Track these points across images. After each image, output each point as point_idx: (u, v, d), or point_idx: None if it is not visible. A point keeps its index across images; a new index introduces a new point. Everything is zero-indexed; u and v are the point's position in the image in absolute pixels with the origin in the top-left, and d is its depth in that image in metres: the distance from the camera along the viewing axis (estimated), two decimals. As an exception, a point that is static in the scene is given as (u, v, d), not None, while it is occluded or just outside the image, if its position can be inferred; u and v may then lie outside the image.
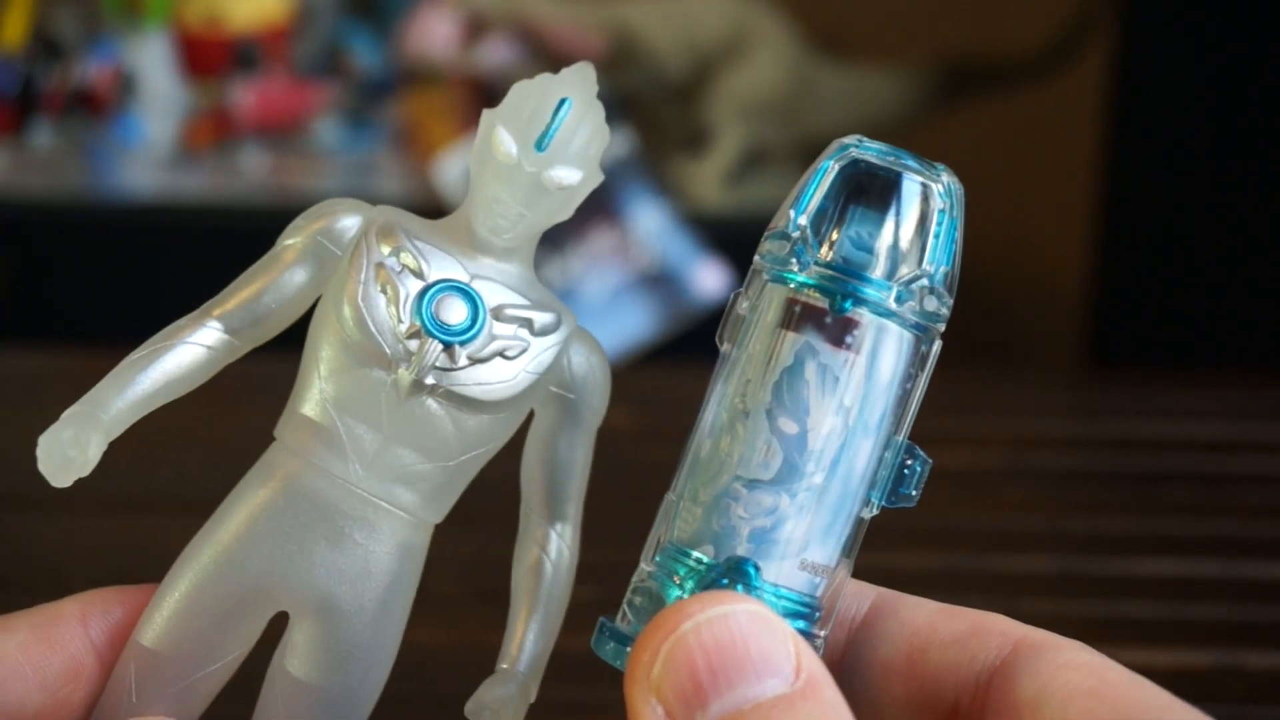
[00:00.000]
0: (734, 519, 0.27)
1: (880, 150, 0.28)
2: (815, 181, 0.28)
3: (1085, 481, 0.73)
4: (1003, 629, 0.27)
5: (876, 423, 0.28)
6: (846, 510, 0.28)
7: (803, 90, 1.36)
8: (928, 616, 0.28)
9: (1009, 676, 0.26)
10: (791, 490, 0.27)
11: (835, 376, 0.27)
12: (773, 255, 0.28)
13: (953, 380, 0.88)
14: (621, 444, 0.72)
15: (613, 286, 1.27)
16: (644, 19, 1.35)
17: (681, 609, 0.25)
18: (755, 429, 0.27)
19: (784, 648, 0.24)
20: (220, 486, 0.32)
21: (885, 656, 0.28)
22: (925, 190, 0.28)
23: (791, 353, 0.28)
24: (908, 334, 0.28)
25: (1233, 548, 0.64)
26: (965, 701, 0.27)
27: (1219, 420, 0.77)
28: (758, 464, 0.27)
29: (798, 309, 0.28)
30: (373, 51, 1.46)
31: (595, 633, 0.28)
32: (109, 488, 0.70)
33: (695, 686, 0.24)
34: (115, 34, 1.42)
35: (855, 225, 0.28)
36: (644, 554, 0.29)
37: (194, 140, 1.38)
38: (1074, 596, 0.60)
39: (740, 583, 0.27)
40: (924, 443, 0.30)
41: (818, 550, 0.28)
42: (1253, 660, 0.55)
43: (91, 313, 1.31)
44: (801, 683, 0.24)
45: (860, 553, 0.29)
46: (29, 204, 1.30)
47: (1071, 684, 0.25)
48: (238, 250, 1.37)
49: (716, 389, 0.28)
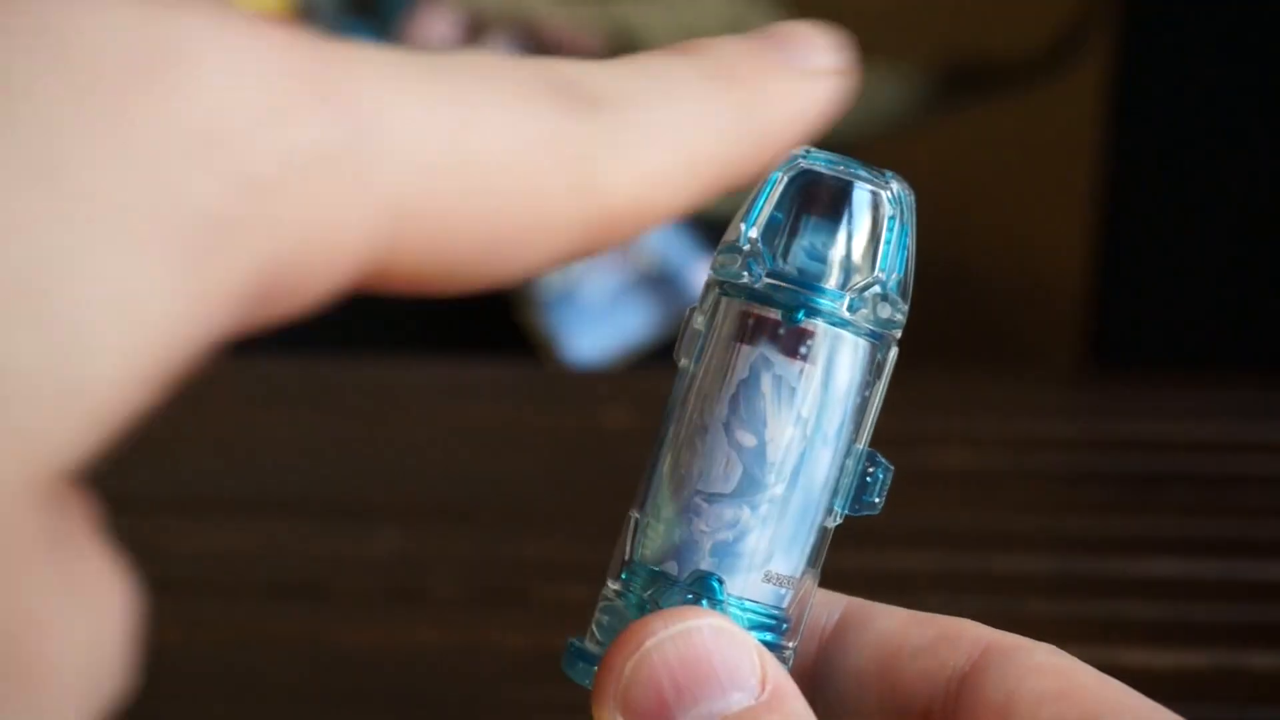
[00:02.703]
0: (696, 533, 0.28)
1: (829, 160, 0.28)
2: (765, 193, 0.28)
3: (1085, 481, 0.73)
4: (973, 634, 0.27)
5: (835, 432, 0.28)
6: (810, 520, 0.28)
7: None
8: (898, 624, 0.28)
9: (978, 682, 0.26)
10: (753, 502, 0.27)
11: (791, 387, 0.28)
12: (725, 269, 0.28)
13: (953, 380, 0.88)
14: (621, 444, 0.72)
15: (613, 286, 1.27)
16: (643, 19, 1.35)
17: (645, 626, 0.25)
18: (714, 443, 0.28)
19: (748, 661, 0.25)
20: (220, 486, 0.32)
21: (857, 666, 0.28)
22: (875, 198, 0.28)
23: (747, 365, 0.28)
24: (863, 342, 0.28)
25: (1233, 548, 0.64)
26: (937, 708, 0.27)
27: (1219, 420, 0.77)
28: (717, 478, 0.28)
29: (751, 321, 0.28)
30: (372, 51, 1.46)
31: (564, 654, 0.29)
32: (109, 488, 0.70)
33: (660, 704, 0.24)
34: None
35: (806, 236, 0.28)
36: (609, 572, 0.29)
37: (194, 140, 1.38)
38: (1074, 597, 0.60)
39: (705, 597, 0.27)
40: (924, 443, 0.30)
41: (782, 561, 0.28)
42: (1253, 661, 0.55)
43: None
44: (767, 695, 0.24)
45: (859, 553, 0.29)
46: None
47: (1040, 687, 0.25)
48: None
49: (676, 405, 0.29)
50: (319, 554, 0.64)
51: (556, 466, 0.71)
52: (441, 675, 0.55)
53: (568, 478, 0.72)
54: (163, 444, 0.73)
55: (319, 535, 0.66)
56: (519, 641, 0.56)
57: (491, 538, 0.64)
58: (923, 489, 0.69)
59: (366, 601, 0.61)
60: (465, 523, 0.66)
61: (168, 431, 0.76)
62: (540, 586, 0.62)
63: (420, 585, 0.61)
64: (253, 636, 0.58)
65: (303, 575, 0.62)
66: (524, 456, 0.73)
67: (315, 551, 0.64)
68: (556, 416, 0.79)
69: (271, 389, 0.83)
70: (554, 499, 0.66)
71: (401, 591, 0.61)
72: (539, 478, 0.71)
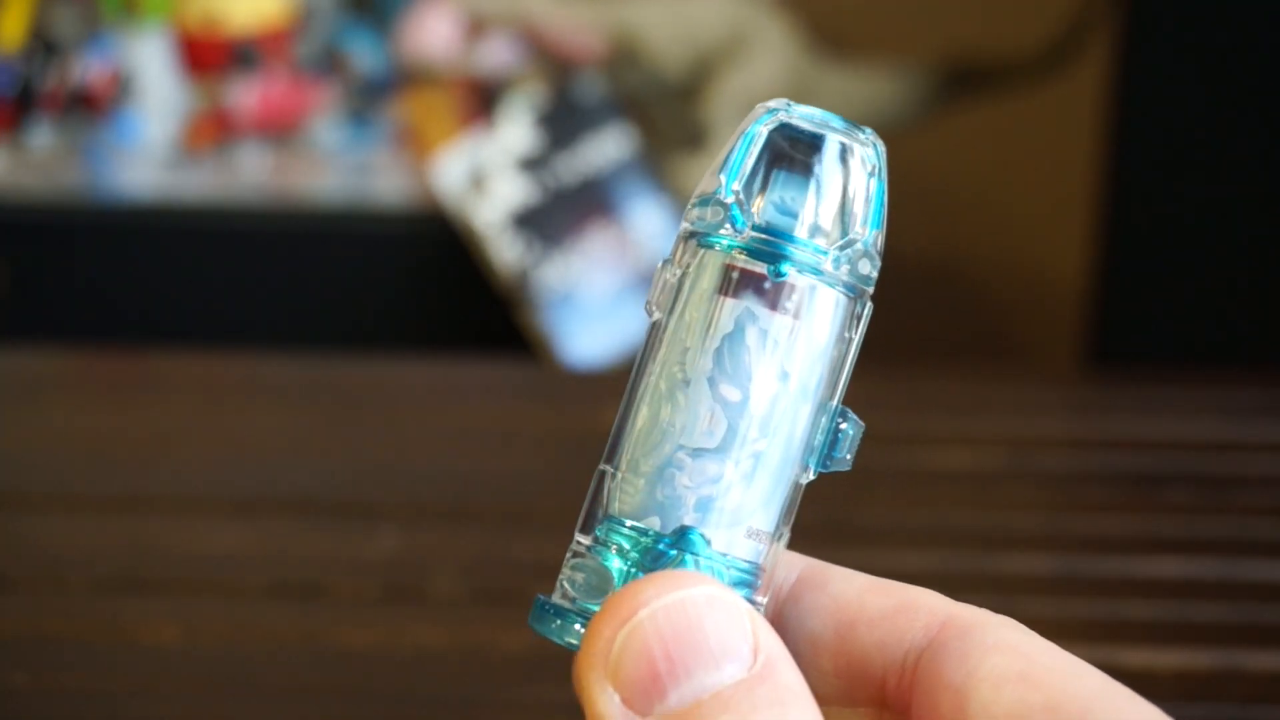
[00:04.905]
0: (679, 488, 0.27)
1: (809, 115, 0.28)
2: (744, 147, 0.28)
3: (1085, 481, 0.73)
4: (931, 605, 0.27)
5: (814, 385, 0.28)
6: (787, 476, 0.28)
7: (802, 90, 1.36)
8: (856, 591, 0.28)
9: (936, 658, 0.26)
10: (736, 457, 0.27)
11: (775, 341, 0.27)
12: (704, 221, 0.28)
13: (953, 380, 0.88)
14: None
15: (612, 286, 1.27)
16: (644, 19, 1.35)
17: (637, 594, 0.24)
18: (697, 397, 0.27)
19: (741, 630, 0.24)
20: (221, 486, 0.32)
21: (814, 631, 0.28)
22: (857, 154, 0.28)
23: (731, 319, 0.27)
24: (843, 297, 0.28)
25: (1233, 548, 0.64)
26: (893, 681, 0.27)
27: (1219, 420, 0.77)
28: (701, 432, 0.27)
29: (735, 274, 0.28)
30: (373, 51, 1.46)
31: (534, 609, 0.28)
32: (109, 488, 0.70)
33: (653, 676, 0.24)
34: (114, 33, 1.42)
35: (787, 190, 0.28)
36: (578, 527, 0.29)
37: (193, 140, 1.38)
38: (1074, 597, 0.60)
39: (688, 552, 0.27)
40: (924, 443, 0.30)
41: (761, 517, 0.28)
42: (1254, 661, 0.55)
43: (91, 313, 1.31)
44: (760, 666, 0.24)
45: (860, 553, 0.29)
46: (28, 205, 1.30)
47: (1001, 667, 0.25)
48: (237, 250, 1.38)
49: (650, 358, 0.28)
50: (319, 554, 0.64)
51: (556, 466, 0.71)
52: (441, 675, 0.55)
53: (568, 478, 0.72)
54: (163, 444, 0.73)
55: (319, 535, 0.66)
56: (519, 641, 0.56)
57: (491, 538, 0.64)
58: (923, 489, 0.69)
59: (366, 601, 0.61)
60: (465, 523, 0.66)
61: (167, 432, 0.76)
62: (540, 586, 0.62)
63: (420, 585, 0.61)
64: (253, 636, 0.58)
65: (303, 575, 0.62)
66: (524, 456, 0.73)
67: (315, 551, 0.64)
68: (556, 416, 0.79)
69: (271, 389, 0.83)
70: (554, 499, 0.66)
71: (401, 591, 0.61)
72: (539, 478, 0.71)
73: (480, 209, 1.26)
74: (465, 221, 1.27)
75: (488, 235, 1.26)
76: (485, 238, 1.26)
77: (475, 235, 1.27)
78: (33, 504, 0.67)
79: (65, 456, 0.72)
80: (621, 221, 1.29)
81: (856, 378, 0.29)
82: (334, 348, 1.16)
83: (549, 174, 1.29)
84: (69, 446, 0.73)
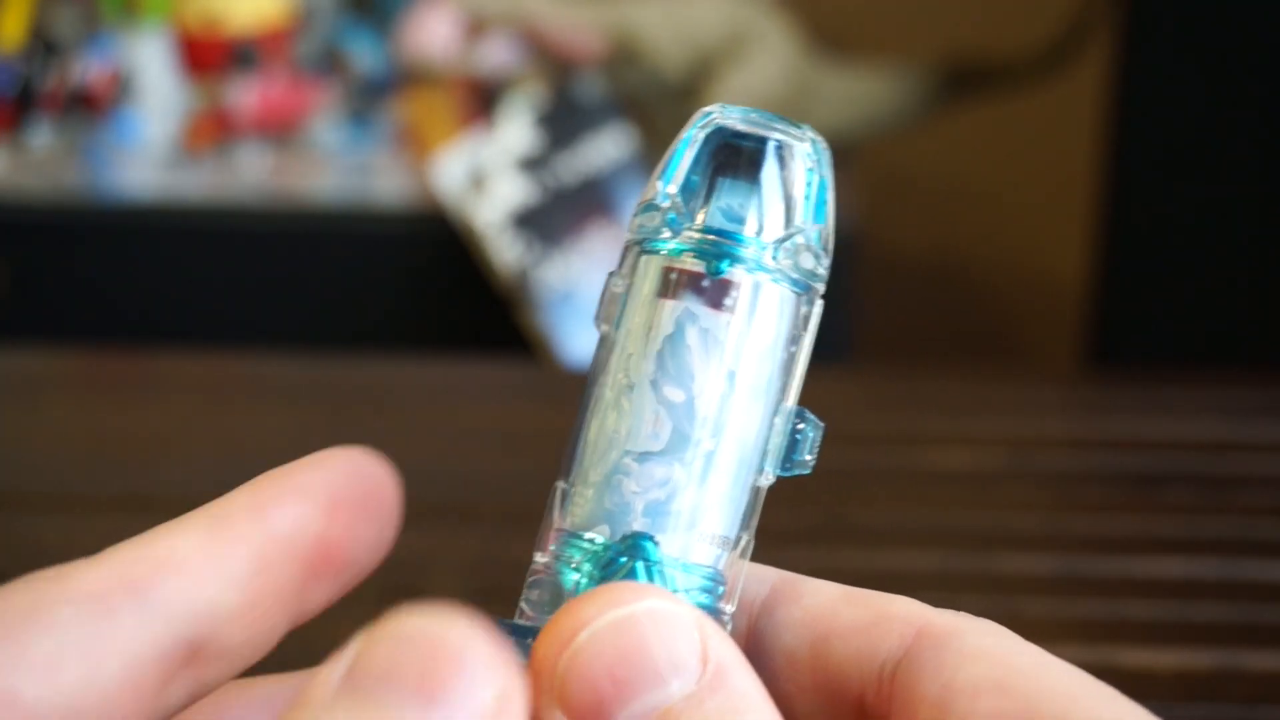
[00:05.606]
0: (627, 494, 0.27)
1: (744, 114, 0.28)
2: (680, 151, 0.28)
3: (1085, 481, 0.73)
4: (906, 614, 0.26)
5: (764, 385, 0.27)
6: (742, 479, 0.27)
7: (803, 90, 1.36)
8: (829, 603, 0.27)
9: (912, 670, 0.25)
10: (683, 459, 0.27)
11: (718, 339, 0.27)
12: (644, 228, 0.28)
13: (953, 380, 0.88)
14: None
15: (612, 286, 1.27)
16: (644, 19, 1.35)
17: (578, 614, 0.24)
18: (641, 401, 0.27)
19: (687, 640, 0.23)
20: (221, 487, 0.32)
21: (788, 645, 0.27)
22: (793, 150, 0.28)
23: (672, 320, 0.27)
24: (788, 293, 0.27)
25: (1234, 548, 0.64)
26: (871, 695, 0.26)
27: (1220, 420, 0.77)
28: (647, 435, 0.27)
29: (674, 276, 0.27)
30: (373, 51, 1.46)
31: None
32: (109, 488, 0.70)
33: (599, 701, 0.23)
34: (113, 33, 1.42)
35: (726, 190, 0.28)
36: (536, 545, 0.29)
37: (193, 140, 1.38)
38: (1074, 597, 0.60)
39: (640, 558, 0.26)
40: (924, 443, 0.30)
41: (716, 520, 0.27)
42: (1254, 661, 0.55)
43: (90, 313, 1.31)
44: (709, 676, 0.23)
45: (859, 553, 0.29)
46: (27, 205, 1.30)
47: (977, 677, 0.24)
48: (237, 250, 1.38)
49: (599, 370, 0.28)
50: (319, 554, 0.64)
51: (557, 466, 0.71)
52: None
53: (568, 478, 0.72)
54: (163, 444, 0.73)
55: (319, 535, 0.65)
56: (519, 641, 0.56)
57: (491, 538, 0.64)
58: (923, 489, 0.69)
59: (366, 601, 0.61)
60: (465, 523, 0.66)
61: (167, 432, 0.76)
62: (540, 586, 0.62)
63: (420, 585, 0.61)
64: (253, 636, 0.58)
65: (303, 575, 0.62)
66: (524, 456, 0.73)
67: (315, 551, 0.64)
68: (556, 416, 0.79)
69: (272, 389, 0.83)
70: (554, 499, 0.66)
71: (401, 591, 0.61)
72: (539, 478, 0.71)
73: (480, 209, 1.26)
74: (465, 221, 1.27)
75: (487, 235, 1.26)
76: (485, 238, 1.26)
77: (475, 235, 1.27)
78: (33, 504, 0.67)
79: (65, 456, 0.72)
80: (621, 222, 1.29)
81: (857, 377, 0.29)
82: (334, 348, 1.16)
83: (549, 174, 1.29)
84: (69, 446, 0.73)
